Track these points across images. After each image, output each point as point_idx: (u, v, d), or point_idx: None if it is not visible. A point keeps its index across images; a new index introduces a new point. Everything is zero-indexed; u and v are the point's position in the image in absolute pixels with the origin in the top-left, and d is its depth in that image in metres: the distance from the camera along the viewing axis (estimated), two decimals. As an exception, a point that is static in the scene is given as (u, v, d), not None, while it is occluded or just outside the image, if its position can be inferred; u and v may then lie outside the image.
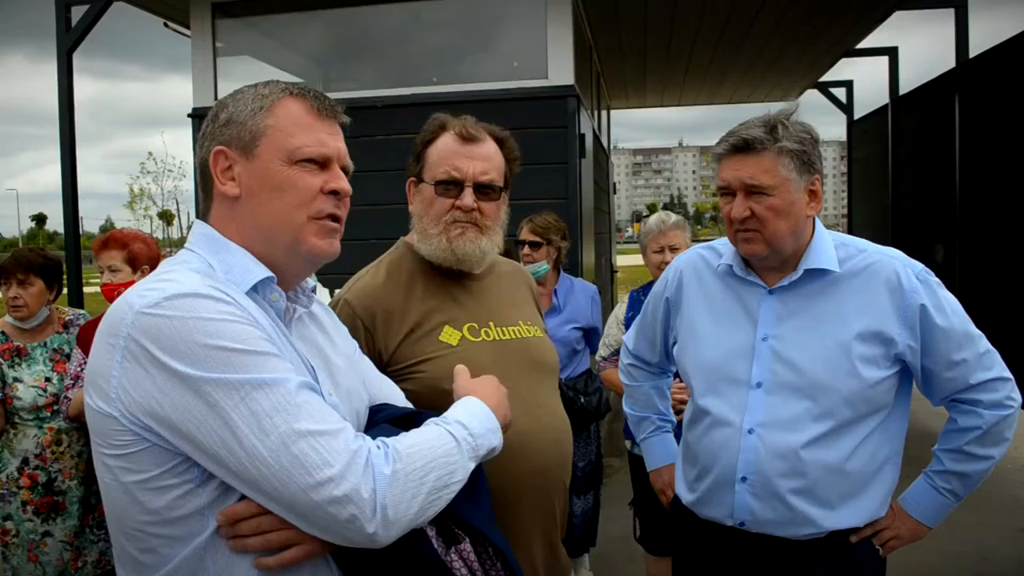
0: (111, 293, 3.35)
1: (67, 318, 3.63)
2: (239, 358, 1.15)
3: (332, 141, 1.38)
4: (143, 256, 3.39)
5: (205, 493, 1.19)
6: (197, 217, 1.46)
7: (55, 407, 3.44)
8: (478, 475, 1.49)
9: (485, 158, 1.98)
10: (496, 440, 1.43)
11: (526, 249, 4.04)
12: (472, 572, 1.36)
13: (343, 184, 1.37)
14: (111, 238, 3.46)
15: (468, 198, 1.95)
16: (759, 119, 1.95)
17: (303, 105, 1.36)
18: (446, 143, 1.98)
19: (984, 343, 1.98)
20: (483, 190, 1.97)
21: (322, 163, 1.36)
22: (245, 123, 1.33)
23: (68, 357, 3.50)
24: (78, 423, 3.41)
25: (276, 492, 1.14)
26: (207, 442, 1.14)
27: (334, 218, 1.37)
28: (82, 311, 3.73)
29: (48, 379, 3.47)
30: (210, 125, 1.37)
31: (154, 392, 1.15)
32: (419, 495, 1.22)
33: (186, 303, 1.17)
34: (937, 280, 1.99)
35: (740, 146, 1.93)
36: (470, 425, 1.38)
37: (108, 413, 1.18)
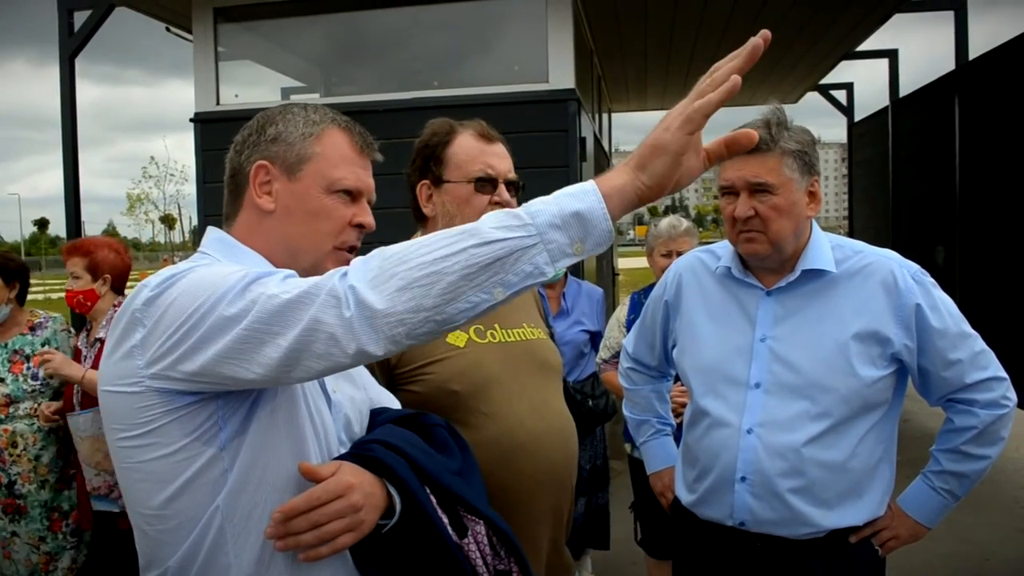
0: (71, 299, 3.39)
1: (36, 321, 3.61)
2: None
3: (366, 177, 1.45)
4: (105, 265, 3.39)
5: (228, 455, 1.24)
6: (199, 219, 1.50)
7: (9, 410, 3.40)
8: (470, 461, 1.52)
9: (506, 156, 2.05)
10: (579, 203, 1.11)
11: None
12: (483, 556, 1.40)
13: (370, 220, 1.44)
14: (75, 245, 3.49)
15: (506, 193, 2.01)
16: (760, 120, 1.96)
17: (348, 139, 1.44)
18: (469, 143, 2.02)
19: (979, 343, 2.00)
20: (510, 186, 2.03)
21: (355, 196, 1.42)
22: (293, 144, 1.40)
23: (28, 359, 3.47)
24: (35, 425, 3.41)
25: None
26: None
27: (352, 249, 1.44)
28: (56, 315, 3.70)
29: (2, 379, 3.43)
30: (254, 136, 1.43)
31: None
32: (407, 269, 1.09)
33: (193, 272, 1.23)
34: (932, 280, 2.00)
35: None
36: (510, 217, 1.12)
37: (132, 391, 1.22)
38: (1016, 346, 4.81)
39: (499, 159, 2.02)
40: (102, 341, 3.34)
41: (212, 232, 1.44)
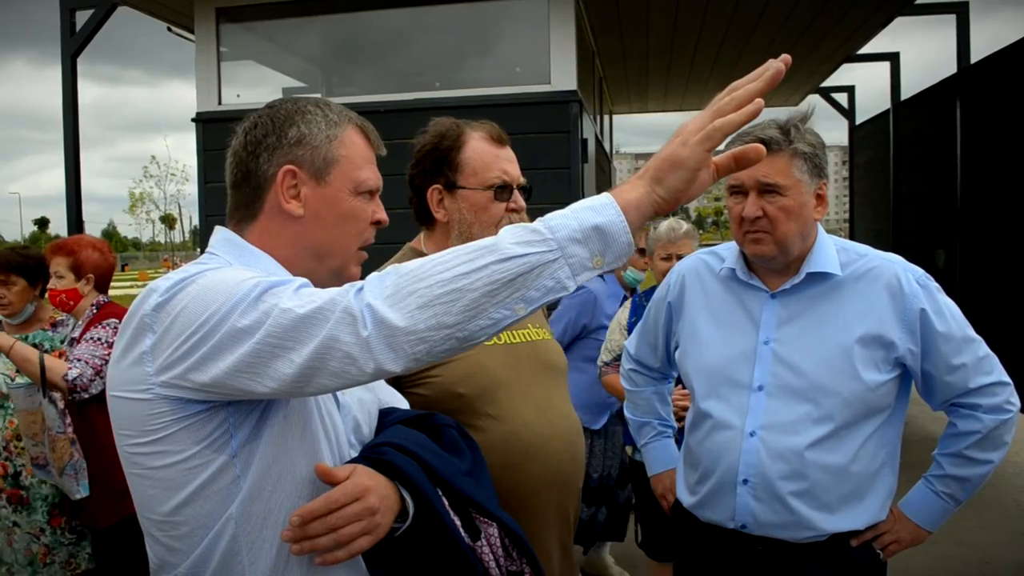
0: (54, 299, 3.40)
1: (58, 318, 3.63)
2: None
3: (379, 174, 1.46)
4: (89, 264, 3.40)
5: (240, 463, 1.23)
6: (201, 219, 1.48)
7: None
8: (480, 461, 1.52)
9: (516, 160, 2.03)
10: (599, 218, 1.12)
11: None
12: (496, 558, 1.40)
13: (385, 216, 1.45)
14: (59, 244, 3.49)
15: (520, 199, 2.00)
16: (773, 121, 1.97)
17: (363, 137, 1.44)
18: (483, 148, 2.00)
19: (983, 348, 2.00)
20: (521, 191, 2.03)
21: (373, 193, 1.44)
22: (319, 148, 1.38)
23: (47, 353, 3.48)
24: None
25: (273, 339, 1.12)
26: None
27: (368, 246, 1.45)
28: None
29: (19, 371, 3.43)
30: (272, 137, 1.38)
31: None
32: (427, 286, 1.08)
33: (203, 276, 1.21)
34: (937, 285, 2.00)
35: None
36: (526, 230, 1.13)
37: (141, 398, 1.21)
38: (1016, 350, 4.81)
39: (512, 164, 2.01)
40: (75, 340, 3.35)
41: (220, 232, 1.42)
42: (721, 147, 2.06)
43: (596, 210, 1.12)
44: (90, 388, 3.18)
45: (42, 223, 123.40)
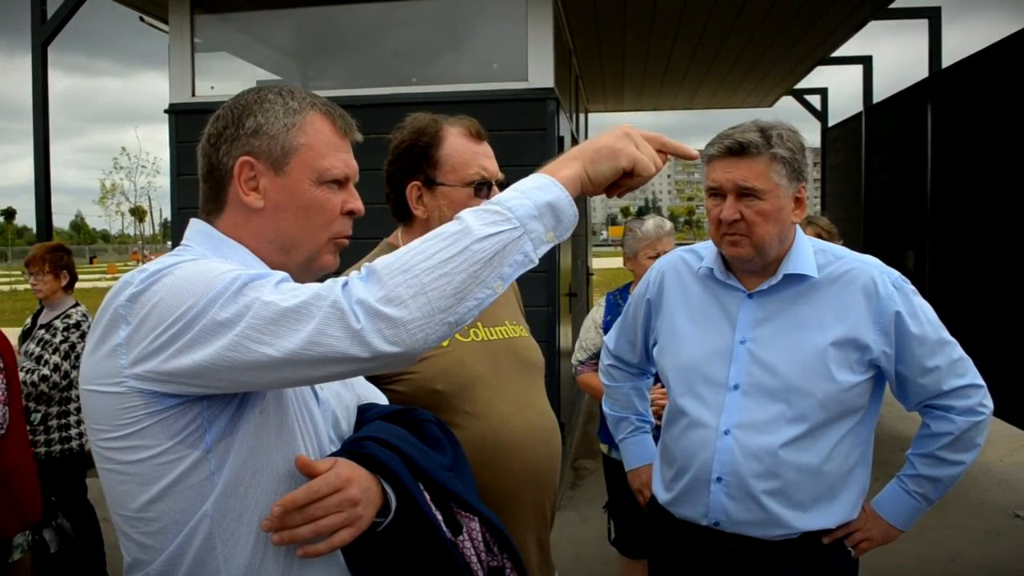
0: None
1: None
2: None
3: (351, 160, 1.41)
4: None
5: (214, 458, 1.21)
6: (173, 212, 1.44)
7: None
8: (461, 456, 1.51)
9: (493, 155, 2.01)
10: (552, 194, 1.20)
11: None
12: (478, 553, 1.39)
13: (359, 205, 1.41)
14: None
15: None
16: (753, 124, 1.97)
17: (329, 123, 1.38)
18: (462, 144, 1.98)
19: (958, 350, 2.02)
20: (499, 187, 2.00)
21: (343, 182, 1.39)
22: (277, 137, 1.34)
23: None
24: None
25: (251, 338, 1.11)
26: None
27: (346, 238, 1.41)
28: None
29: None
30: (231, 128, 1.35)
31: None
32: (414, 276, 1.10)
33: (179, 268, 1.20)
34: (912, 288, 2.02)
35: (735, 149, 1.94)
36: (486, 208, 1.18)
37: (114, 391, 1.19)
38: (985, 351, 4.88)
39: (490, 160, 2.00)
40: None
41: (195, 224, 1.39)
42: (702, 146, 2.08)
43: (543, 189, 1.20)
44: (4, 425, 3.14)
45: (9, 214, 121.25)
